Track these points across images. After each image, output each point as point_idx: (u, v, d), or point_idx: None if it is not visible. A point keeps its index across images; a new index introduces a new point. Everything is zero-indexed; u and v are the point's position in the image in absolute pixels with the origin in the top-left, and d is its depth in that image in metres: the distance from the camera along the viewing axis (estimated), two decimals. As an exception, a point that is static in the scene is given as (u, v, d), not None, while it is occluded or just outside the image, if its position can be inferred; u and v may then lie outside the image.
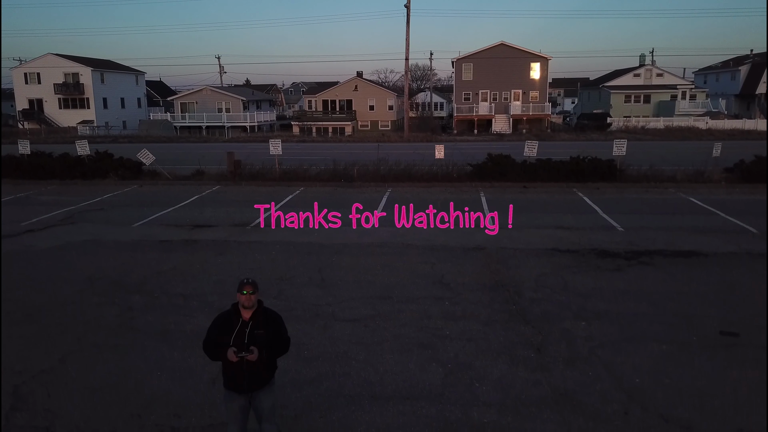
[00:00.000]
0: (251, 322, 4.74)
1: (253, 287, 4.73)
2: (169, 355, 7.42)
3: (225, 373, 4.85)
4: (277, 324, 4.89)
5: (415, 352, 7.44)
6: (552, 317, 8.54)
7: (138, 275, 10.69)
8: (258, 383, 4.84)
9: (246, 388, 4.81)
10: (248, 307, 4.74)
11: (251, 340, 4.67)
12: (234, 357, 4.59)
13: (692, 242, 12.62)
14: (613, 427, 5.75)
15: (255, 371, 4.76)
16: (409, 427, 5.79)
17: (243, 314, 4.76)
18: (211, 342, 4.81)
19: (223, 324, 4.80)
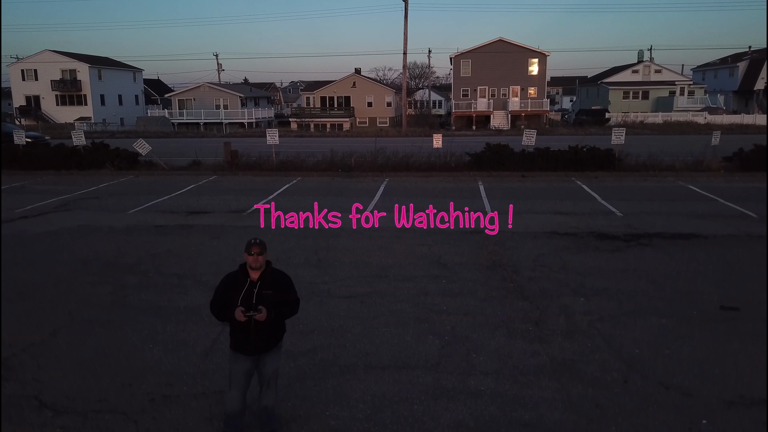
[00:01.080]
0: (259, 282, 4.64)
1: (260, 248, 4.62)
2: (162, 329, 7.31)
3: (232, 335, 4.76)
4: (285, 284, 4.78)
5: (412, 326, 7.34)
6: (550, 294, 8.44)
7: (132, 257, 10.57)
8: (266, 345, 4.74)
9: (253, 350, 4.70)
10: (256, 268, 4.64)
11: (259, 301, 4.58)
12: (242, 316, 4.49)
13: (691, 226, 12.53)
14: (612, 394, 5.65)
15: (263, 332, 4.66)
16: (404, 394, 5.69)
17: (251, 275, 4.66)
18: (218, 302, 4.70)
19: (230, 284, 4.69)
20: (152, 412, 5.42)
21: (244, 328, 4.65)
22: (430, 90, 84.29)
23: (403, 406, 5.47)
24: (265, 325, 4.65)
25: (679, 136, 36.70)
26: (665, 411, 5.34)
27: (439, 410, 5.40)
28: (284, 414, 5.32)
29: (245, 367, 4.78)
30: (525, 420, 5.22)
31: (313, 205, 14.66)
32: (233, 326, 4.74)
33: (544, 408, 5.42)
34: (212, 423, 5.20)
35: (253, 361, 4.81)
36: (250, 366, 4.80)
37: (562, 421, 5.19)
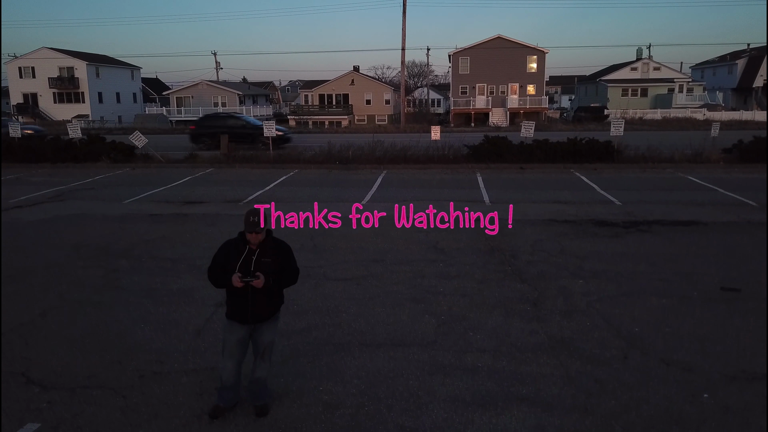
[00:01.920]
0: (258, 250, 4.56)
1: (259, 227, 4.50)
2: (154, 310, 7.19)
3: (229, 302, 4.68)
4: (285, 253, 4.70)
5: (408, 306, 7.22)
6: (548, 276, 8.33)
7: (125, 243, 10.45)
8: (263, 314, 4.65)
9: (250, 319, 4.61)
10: (255, 241, 4.56)
11: (258, 268, 4.50)
12: (239, 282, 4.41)
13: (691, 213, 12.43)
14: (611, 370, 5.54)
15: (260, 301, 4.58)
16: (399, 370, 5.57)
17: (250, 244, 4.58)
18: (216, 268, 4.62)
19: (229, 251, 4.61)
20: (141, 387, 5.30)
21: (241, 296, 4.57)
22: (428, 88, 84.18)
23: (399, 382, 5.35)
24: (262, 293, 4.57)
25: (678, 131, 36.58)
26: (666, 386, 5.22)
27: (435, 385, 5.28)
28: (277, 389, 5.19)
29: (240, 335, 4.67)
30: (522, 394, 5.11)
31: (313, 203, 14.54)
32: (230, 293, 4.65)
33: (542, 383, 5.30)
34: (203, 398, 5.08)
35: (249, 331, 4.71)
36: (245, 335, 4.70)
37: (561, 396, 5.08)
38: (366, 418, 4.76)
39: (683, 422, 4.65)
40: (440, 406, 4.93)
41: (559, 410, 4.84)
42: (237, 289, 4.54)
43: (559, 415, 4.78)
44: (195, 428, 4.64)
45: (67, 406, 4.97)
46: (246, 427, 4.64)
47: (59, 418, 4.80)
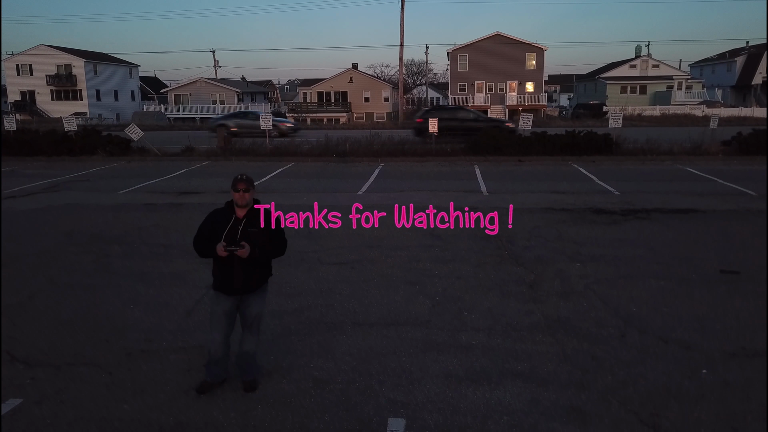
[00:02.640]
0: (245, 219, 4.47)
1: (247, 184, 4.46)
2: (144, 293, 7.07)
3: (215, 273, 4.58)
4: (270, 223, 4.58)
5: (402, 288, 7.11)
6: (545, 260, 8.22)
7: (118, 230, 10.33)
8: (249, 285, 4.54)
9: (236, 290, 4.51)
10: (242, 205, 4.47)
11: (244, 238, 4.40)
12: (223, 251, 4.32)
13: (690, 202, 12.33)
14: (608, 347, 5.43)
15: (247, 272, 4.48)
16: (392, 348, 5.46)
17: (237, 212, 4.49)
18: (201, 237, 4.53)
19: (215, 220, 4.53)
20: (128, 364, 5.18)
21: (226, 266, 4.46)
22: (427, 87, 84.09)
23: (391, 359, 5.24)
24: (248, 263, 4.46)
25: (677, 127, 36.47)
26: (664, 362, 5.12)
27: (428, 362, 5.18)
28: (266, 366, 5.09)
29: (226, 307, 4.57)
30: (517, 371, 5.00)
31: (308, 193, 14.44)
32: (216, 264, 4.55)
33: (538, 360, 5.19)
34: (190, 374, 4.97)
35: (235, 303, 4.61)
36: (231, 307, 4.59)
37: (556, 372, 4.97)
38: (357, 393, 4.65)
39: (682, 397, 4.54)
40: (433, 382, 4.82)
41: (554, 386, 4.74)
42: (223, 260, 4.44)
43: (554, 390, 4.67)
44: (182, 403, 4.53)
45: (51, 382, 4.86)
46: (234, 402, 4.53)
47: (42, 393, 4.69)
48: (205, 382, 4.70)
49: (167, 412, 4.40)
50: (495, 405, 4.45)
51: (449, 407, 4.43)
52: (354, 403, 4.51)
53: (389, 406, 4.45)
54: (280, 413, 4.38)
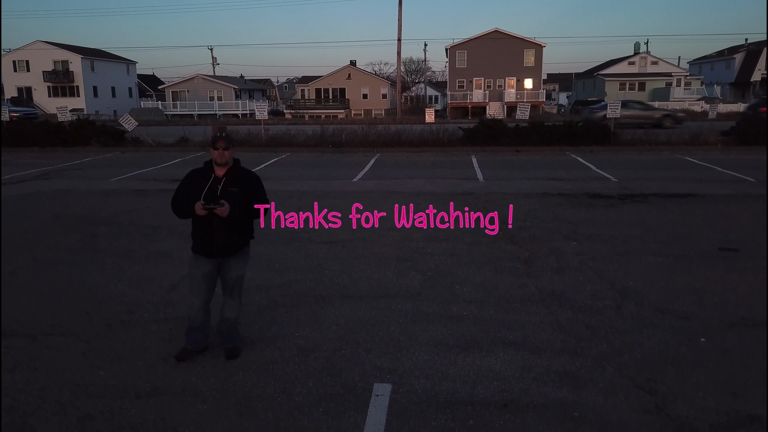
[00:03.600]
0: (225, 178, 4.28)
1: (226, 142, 4.24)
2: (129, 269, 6.90)
3: (194, 235, 4.41)
4: (253, 183, 4.43)
5: (394, 264, 6.94)
6: (541, 239, 8.06)
7: (107, 213, 10.16)
8: (230, 247, 4.37)
9: (216, 251, 4.33)
10: (222, 164, 4.27)
11: (223, 197, 4.22)
12: (201, 210, 4.13)
13: (688, 188, 12.16)
14: (604, 318, 5.26)
15: (227, 232, 4.31)
16: (381, 318, 5.29)
17: (216, 171, 4.30)
18: (179, 197, 4.35)
19: (194, 179, 4.34)
20: (107, 334, 5.01)
21: (206, 227, 4.29)
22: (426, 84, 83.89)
23: (379, 328, 5.08)
24: (229, 224, 4.28)
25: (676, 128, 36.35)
26: (661, 331, 4.95)
27: (417, 331, 5.01)
28: (250, 336, 4.92)
29: (206, 270, 4.39)
30: (509, 339, 4.83)
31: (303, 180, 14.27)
32: (195, 225, 4.38)
33: (530, 329, 5.03)
34: (171, 343, 4.80)
35: (215, 266, 4.43)
36: (211, 270, 4.42)
37: (550, 340, 4.80)
38: (342, 360, 4.49)
39: (679, 363, 4.38)
40: (422, 350, 4.65)
41: (547, 353, 4.57)
42: (202, 220, 4.26)
43: (547, 357, 4.50)
44: (160, 370, 4.36)
45: (26, 351, 4.69)
46: (214, 369, 4.36)
47: (16, 361, 4.52)
48: (185, 349, 4.53)
49: (144, 378, 4.23)
50: (485, 371, 4.28)
51: (437, 373, 4.26)
52: (339, 369, 4.34)
53: (375, 373, 4.28)
54: (261, 379, 4.21)
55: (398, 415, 3.71)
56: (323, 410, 3.78)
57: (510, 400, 3.88)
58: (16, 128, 20.95)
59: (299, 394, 4.00)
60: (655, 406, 3.80)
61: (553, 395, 3.94)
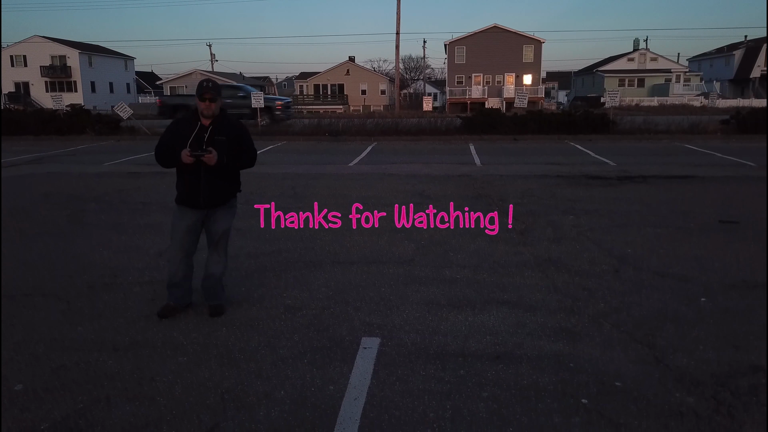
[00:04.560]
0: (211, 127, 4.12)
1: (213, 93, 4.06)
2: (117, 239, 6.74)
3: (179, 186, 4.25)
4: (240, 132, 4.26)
5: (387, 235, 6.79)
6: (537, 213, 7.91)
7: (98, 192, 10.00)
8: (216, 198, 4.23)
9: (202, 203, 4.18)
10: (208, 116, 4.11)
11: (211, 146, 4.06)
12: (188, 157, 3.96)
13: (688, 171, 12.02)
14: (601, 280, 5.11)
15: (214, 182, 4.16)
16: (372, 281, 5.14)
17: (202, 120, 4.13)
18: (164, 145, 4.17)
19: (179, 128, 4.16)
20: (89, 295, 4.86)
21: (192, 175, 4.11)
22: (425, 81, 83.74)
23: (370, 290, 4.92)
24: (215, 174, 4.13)
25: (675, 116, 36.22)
26: (660, 292, 4.80)
27: (409, 292, 4.86)
28: (236, 296, 4.76)
29: (190, 222, 4.25)
30: (503, 299, 4.68)
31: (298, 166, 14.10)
32: (180, 175, 4.23)
33: (526, 291, 4.88)
34: (154, 303, 4.64)
35: (200, 218, 4.29)
36: (196, 222, 4.27)
37: (545, 300, 4.65)
38: (330, 317, 4.34)
39: (679, 321, 4.22)
40: (413, 308, 4.50)
41: (542, 311, 4.42)
42: (188, 170, 4.11)
43: (542, 315, 4.35)
44: (140, 326, 4.20)
45: (3, 310, 4.52)
46: (197, 325, 4.21)
47: (-8, 318, 4.35)
48: (168, 305, 4.38)
49: (123, 334, 4.07)
50: (477, 327, 4.13)
51: (428, 329, 4.11)
52: (326, 325, 4.19)
53: (364, 328, 4.13)
54: (245, 334, 4.05)
55: (386, 366, 3.56)
56: (308, 361, 3.63)
57: (503, 353, 3.73)
58: (10, 117, 20.73)
59: (284, 347, 3.84)
60: (654, 358, 3.65)
61: (547, 348, 3.79)
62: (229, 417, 3.02)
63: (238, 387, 3.32)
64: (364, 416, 3.01)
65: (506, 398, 3.18)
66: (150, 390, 3.30)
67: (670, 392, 3.23)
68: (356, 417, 3.00)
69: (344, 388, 3.29)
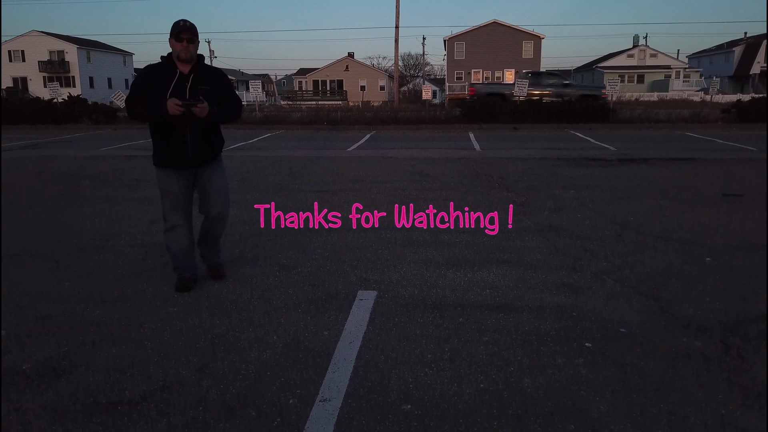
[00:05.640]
0: (192, 75, 3.66)
1: (191, 33, 3.61)
2: (109, 208, 6.62)
3: (160, 146, 3.74)
4: (221, 80, 3.86)
5: (385, 206, 6.66)
6: (538, 188, 7.80)
7: (93, 171, 9.87)
8: (207, 153, 3.81)
9: (192, 160, 3.73)
10: (186, 59, 3.63)
11: (193, 97, 3.59)
12: (176, 108, 3.46)
13: (689, 154, 11.90)
14: (604, 243, 5.00)
15: (202, 138, 3.73)
16: (369, 244, 5.02)
17: (180, 67, 3.65)
18: (138, 94, 3.62)
19: (154, 78, 3.63)
20: (78, 255, 4.73)
21: (177, 131, 3.63)
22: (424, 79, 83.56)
23: (367, 251, 4.81)
24: (202, 128, 3.71)
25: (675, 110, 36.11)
26: (664, 254, 4.69)
27: (407, 253, 4.74)
28: (229, 257, 4.63)
29: (182, 183, 3.81)
30: (503, 259, 4.57)
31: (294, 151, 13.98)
32: (161, 133, 3.70)
33: (526, 252, 4.76)
34: (145, 262, 4.53)
35: (190, 179, 3.84)
36: (186, 183, 3.83)
37: (547, 260, 4.53)
38: (326, 274, 4.22)
39: (684, 277, 4.11)
40: (410, 266, 4.38)
41: (543, 269, 4.31)
42: (171, 127, 3.62)
43: (543, 272, 4.24)
44: (130, 282, 4.09)
45: (-11, 268, 4.40)
46: (188, 281, 4.08)
47: (-23, 275, 4.23)
48: (183, 277, 3.93)
49: (112, 288, 3.95)
50: (477, 282, 4.02)
51: (426, 283, 4.00)
52: (322, 281, 4.07)
53: (360, 283, 4.01)
54: (238, 288, 3.94)
55: (383, 315, 3.44)
56: (302, 311, 3.51)
57: (503, 304, 3.61)
58: (6, 106, 20.58)
59: (277, 299, 3.72)
60: (659, 308, 3.54)
61: (549, 300, 3.67)
62: (218, 358, 2.90)
63: (229, 333, 3.21)
64: (359, 357, 2.89)
65: (507, 342, 3.06)
66: (137, 335, 3.19)
67: (676, 337, 3.12)
68: (351, 358, 2.88)
69: (339, 334, 3.17)
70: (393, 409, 2.42)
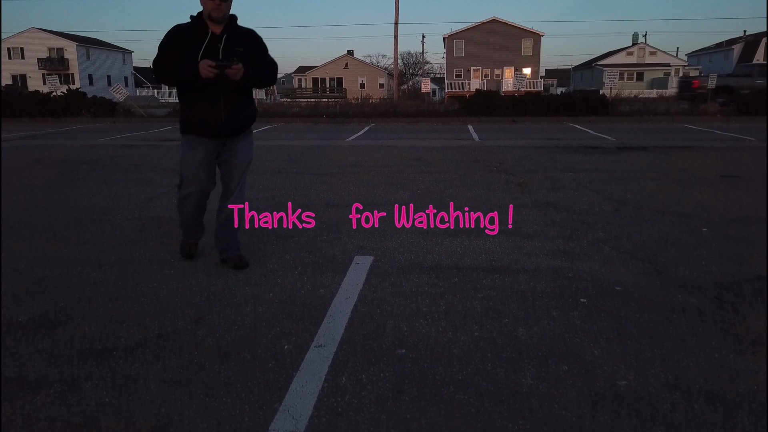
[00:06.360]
0: (225, 35, 3.33)
1: None
2: (107, 189, 6.63)
3: (189, 112, 3.40)
4: (258, 43, 3.50)
5: (383, 186, 6.68)
6: (536, 171, 7.80)
7: (91, 157, 9.88)
8: (241, 123, 3.48)
9: (224, 129, 3.39)
10: (218, 19, 3.29)
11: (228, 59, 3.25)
12: (209, 70, 3.12)
13: (688, 143, 11.92)
14: (600, 217, 5.00)
15: (236, 104, 3.39)
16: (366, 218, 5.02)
17: (212, 27, 3.31)
18: (168, 55, 3.27)
19: (184, 39, 3.29)
20: (76, 228, 4.74)
21: (210, 95, 3.30)
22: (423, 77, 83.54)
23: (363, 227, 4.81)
24: (235, 94, 3.37)
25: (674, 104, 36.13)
26: (660, 226, 4.69)
27: (402, 228, 4.74)
28: (227, 228, 4.63)
29: (208, 150, 3.44)
30: (500, 230, 4.57)
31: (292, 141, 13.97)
32: (189, 96, 3.37)
33: (523, 224, 4.77)
34: (142, 233, 4.53)
35: (216, 149, 3.48)
36: (212, 153, 3.46)
37: (544, 230, 4.55)
38: (323, 242, 4.23)
39: (680, 245, 4.12)
40: (407, 237, 4.39)
41: (540, 238, 4.32)
42: (202, 89, 3.28)
43: (540, 240, 4.25)
44: (127, 248, 4.09)
45: (-13, 238, 4.41)
46: (185, 248, 4.08)
47: (-25, 243, 4.23)
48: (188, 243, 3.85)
49: (109, 254, 3.96)
50: (474, 248, 4.03)
51: (422, 250, 4.01)
52: (318, 248, 4.08)
53: (357, 250, 4.02)
54: (234, 254, 3.93)
55: (379, 276, 3.45)
56: (299, 273, 3.52)
57: (499, 267, 3.62)
58: (4, 99, 20.57)
59: (274, 263, 3.73)
60: (655, 270, 3.55)
61: (545, 264, 3.68)
62: (214, 312, 2.91)
63: (225, 291, 3.22)
64: (355, 310, 2.90)
65: (502, 298, 3.07)
66: (134, 293, 3.20)
67: (672, 294, 3.13)
68: (347, 311, 2.89)
69: (335, 291, 3.18)
70: (388, 353, 2.43)
